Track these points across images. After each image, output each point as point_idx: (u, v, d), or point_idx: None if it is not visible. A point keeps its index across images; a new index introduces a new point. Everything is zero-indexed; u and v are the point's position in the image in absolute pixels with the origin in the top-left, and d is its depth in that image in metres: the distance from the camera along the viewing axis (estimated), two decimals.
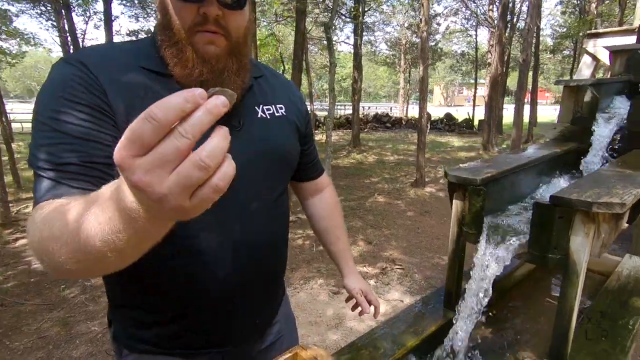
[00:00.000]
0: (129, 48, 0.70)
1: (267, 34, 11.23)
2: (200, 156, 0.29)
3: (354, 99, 10.42)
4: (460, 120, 17.13)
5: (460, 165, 1.20)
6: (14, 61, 17.13)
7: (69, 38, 8.83)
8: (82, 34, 11.10)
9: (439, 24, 18.00)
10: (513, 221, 1.09)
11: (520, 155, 1.33)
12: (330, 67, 3.31)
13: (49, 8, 9.65)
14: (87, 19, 11.40)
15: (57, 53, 9.97)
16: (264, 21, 11.68)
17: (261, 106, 0.79)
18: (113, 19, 9.86)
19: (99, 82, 0.61)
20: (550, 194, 0.88)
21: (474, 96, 17.83)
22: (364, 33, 12.92)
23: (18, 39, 14.79)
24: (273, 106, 0.82)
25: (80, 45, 9.12)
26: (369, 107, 26.03)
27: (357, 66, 10.02)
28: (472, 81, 19.13)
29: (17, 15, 13.71)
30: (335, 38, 15.40)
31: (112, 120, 0.61)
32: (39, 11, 10.58)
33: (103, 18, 8.73)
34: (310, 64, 15.96)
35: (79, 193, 0.55)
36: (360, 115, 12.95)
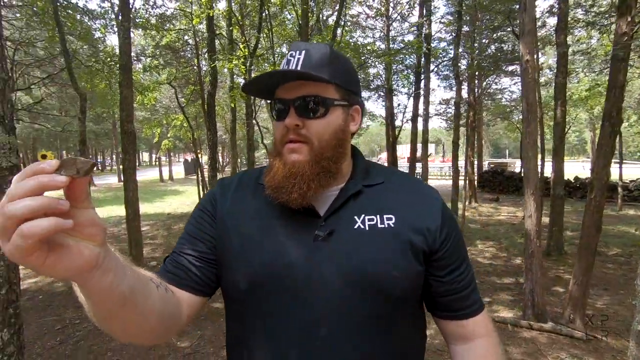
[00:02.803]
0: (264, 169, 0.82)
1: (591, 84, 9.20)
2: (3, 207, 0.38)
3: None
4: None
5: None
6: (361, 132, 23.30)
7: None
8: (403, 107, 13.53)
9: None
10: None
11: None
12: None
13: (382, 93, 12.53)
14: (409, 96, 13.84)
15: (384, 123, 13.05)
16: (594, 68, 9.64)
17: (363, 216, 0.71)
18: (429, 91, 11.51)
19: (216, 195, 0.80)
20: None
21: None
22: None
23: (366, 117, 20.22)
24: (379, 216, 0.72)
25: (397, 118, 11.28)
26: None
27: None
28: None
29: (367, 100, 18.78)
30: None
31: (212, 221, 0.77)
32: (377, 95, 13.97)
33: (423, 93, 10.31)
34: None
35: (166, 272, 0.73)
36: None
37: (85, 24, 7.57)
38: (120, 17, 4.25)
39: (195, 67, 10.26)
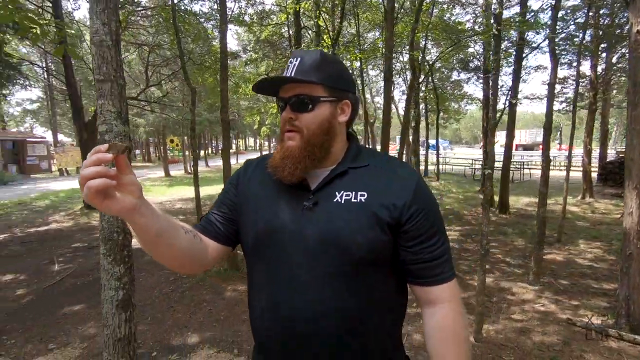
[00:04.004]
0: None
1: None
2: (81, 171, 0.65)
3: None
4: None
5: None
6: (459, 117, 21.72)
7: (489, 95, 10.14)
8: (506, 89, 12.25)
9: None
10: None
11: None
12: None
13: (480, 75, 11.54)
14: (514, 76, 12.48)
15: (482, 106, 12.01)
16: None
17: (342, 192, 0.87)
18: (534, 70, 10.22)
19: (241, 172, 1.03)
20: None
21: None
22: None
23: (465, 101, 18.86)
24: (354, 192, 0.86)
25: (499, 101, 10.32)
26: None
27: None
28: None
29: (466, 82, 17.49)
30: None
31: (235, 191, 1.00)
32: (476, 77, 12.90)
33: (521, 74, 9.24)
34: None
35: (200, 225, 0.98)
36: None
37: (201, 24, 8.76)
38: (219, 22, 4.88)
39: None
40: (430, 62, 11.55)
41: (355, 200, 0.86)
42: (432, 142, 19.05)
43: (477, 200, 9.69)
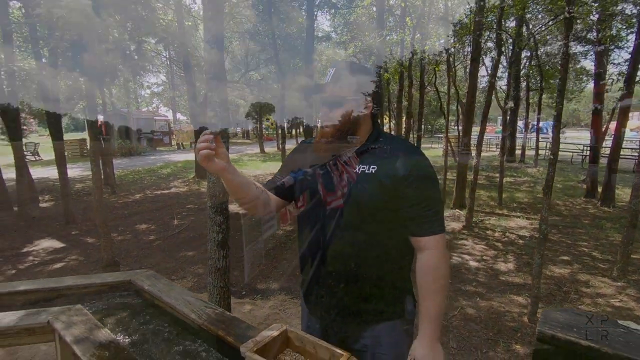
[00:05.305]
0: None
1: None
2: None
3: None
4: None
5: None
6: (572, 96, 19.08)
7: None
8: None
9: None
10: None
11: None
12: None
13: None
14: None
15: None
16: None
17: (360, 165, 1.19)
18: None
19: (296, 148, 1.50)
20: None
21: None
22: None
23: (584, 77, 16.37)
24: (368, 166, 1.17)
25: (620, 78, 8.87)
26: None
27: None
28: None
29: (584, 56, 15.21)
30: None
31: (291, 162, 1.39)
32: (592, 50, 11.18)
33: None
34: None
35: (267, 185, 1.41)
36: None
37: (292, 13, 9.41)
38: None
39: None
40: (535, 33, 10.41)
41: (368, 172, 1.17)
42: (542, 124, 17.00)
43: (577, 190, 8.71)
